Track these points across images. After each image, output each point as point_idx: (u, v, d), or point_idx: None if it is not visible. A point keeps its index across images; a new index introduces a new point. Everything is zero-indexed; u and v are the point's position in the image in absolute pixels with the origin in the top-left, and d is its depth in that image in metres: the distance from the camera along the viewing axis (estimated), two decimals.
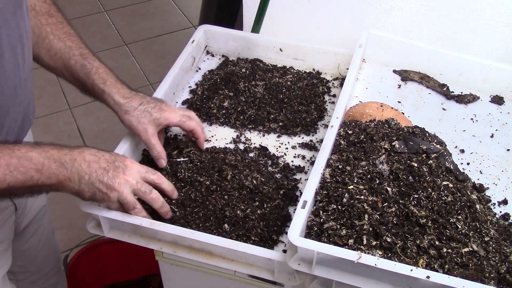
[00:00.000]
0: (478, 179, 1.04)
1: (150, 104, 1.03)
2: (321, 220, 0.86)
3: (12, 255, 1.13)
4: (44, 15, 1.02)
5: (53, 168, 0.83)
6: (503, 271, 0.83)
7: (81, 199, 0.90)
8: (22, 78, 0.92)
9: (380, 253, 0.80)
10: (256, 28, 1.36)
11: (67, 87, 2.84)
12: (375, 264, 0.76)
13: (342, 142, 1.01)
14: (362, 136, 1.00)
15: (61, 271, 1.45)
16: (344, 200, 0.87)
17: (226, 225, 0.95)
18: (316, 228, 0.86)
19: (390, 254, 0.80)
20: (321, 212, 0.88)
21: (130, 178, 0.90)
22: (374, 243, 0.81)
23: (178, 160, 1.06)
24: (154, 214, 0.99)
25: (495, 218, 0.94)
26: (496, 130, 1.16)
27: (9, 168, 0.79)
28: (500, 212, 0.98)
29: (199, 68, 1.35)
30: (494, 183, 1.04)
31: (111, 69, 1.05)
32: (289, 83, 1.25)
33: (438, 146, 0.98)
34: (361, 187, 0.89)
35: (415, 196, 0.87)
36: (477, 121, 1.18)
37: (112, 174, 0.88)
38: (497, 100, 1.23)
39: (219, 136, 1.17)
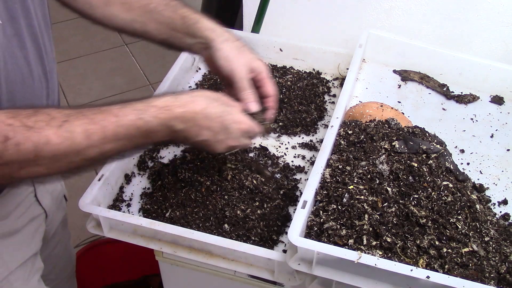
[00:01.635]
0: (478, 179, 1.04)
1: (246, 45, 0.94)
2: (321, 220, 0.86)
3: None
4: None
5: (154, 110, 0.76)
6: (503, 271, 0.83)
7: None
8: (47, 69, 0.88)
9: (380, 253, 0.80)
10: (256, 28, 1.36)
11: (66, 87, 2.85)
12: (375, 264, 0.76)
13: (342, 142, 1.01)
14: (362, 136, 1.00)
15: (74, 275, 1.45)
16: (344, 200, 0.87)
17: (226, 225, 0.95)
18: (316, 228, 0.86)
19: (390, 254, 0.80)
20: (321, 212, 0.88)
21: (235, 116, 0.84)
22: (374, 243, 0.81)
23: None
24: (154, 214, 0.99)
25: (495, 218, 0.94)
26: (496, 130, 1.16)
27: (117, 137, 0.73)
28: (500, 212, 0.98)
29: (199, 68, 1.35)
30: (494, 183, 1.04)
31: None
32: (289, 83, 1.25)
33: (438, 146, 0.98)
34: (361, 187, 0.89)
35: (415, 196, 0.87)
36: (477, 121, 1.18)
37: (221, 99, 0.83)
38: (497, 100, 1.23)
39: None
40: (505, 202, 1.00)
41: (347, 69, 1.19)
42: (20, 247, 1.01)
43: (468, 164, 1.08)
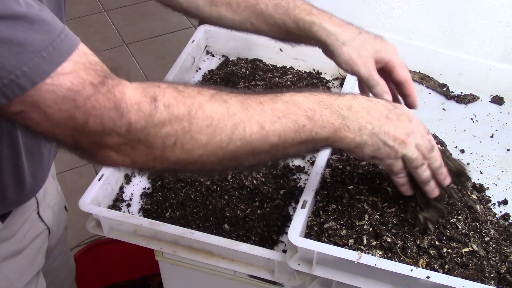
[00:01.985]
0: (478, 179, 1.04)
1: (370, 34, 0.87)
2: (321, 220, 0.86)
3: None
4: None
5: (326, 114, 0.67)
6: (503, 271, 0.83)
7: (356, 156, 0.73)
8: None
9: (380, 253, 0.80)
10: None
11: None
12: (375, 264, 0.76)
13: None
14: None
15: (74, 284, 1.44)
16: (344, 200, 0.87)
17: (226, 225, 0.95)
18: (316, 228, 0.86)
19: (390, 254, 0.80)
20: (321, 212, 0.88)
21: (416, 128, 0.73)
22: (374, 243, 0.81)
23: None
24: (154, 214, 0.99)
25: (495, 218, 0.94)
26: (496, 130, 1.16)
27: (276, 114, 0.63)
28: (500, 212, 0.98)
29: (199, 68, 1.35)
30: (494, 183, 1.04)
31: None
32: (289, 83, 1.25)
33: (438, 146, 0.98)
34: (361, 187, 0.89)
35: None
36: (477, 121, 1.18)
37: (397, 123, 0.71)
38: (497, 100, 1.23)
39: None
40: (505, 202, 1.00)
41: None
42: (25, 266, 1.00)
43: (468, 164, 1.08)
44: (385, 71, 0.89)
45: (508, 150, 1.11)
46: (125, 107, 0.56)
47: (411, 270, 0.76)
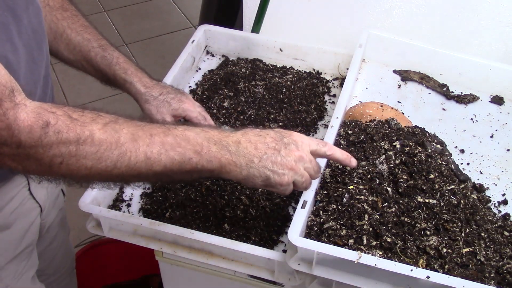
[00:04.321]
0: (478, 179, 1.04)
1: (170, 94, 1.04)
2: (321, 220, 0.86)
3: None
4: (58, 10, 1.03)
5: (214, 150, 0.74)
6: (503, 271, 0.83)
7: (248, 186, 0.80)
8: (41, 74, 0.90)
9: (380, 253, 0.80)
10: (256, 28, 1.36)
11: (67, 87, 2.85)
12: (375, 264, 0.76)
13: (342, 142, 1.01)
14: (362, 136, 1.00)
15: (74, 272, 1.45)
16: (344, 200, 0.87)
17: (226, 225, 0.95)
18: (316, 228, 0.86)
19: (390, 254, 0.80)
20: (321, 212, 0.88)
21: (303, 154, 0.79)
22: (374, 243, 0.81)
23: None
24: (154, 214, 0.99)
25: (495, 218, 0.94)
26: (496, 130, 1.16)
27: (164, 147, 0.70)
28: (500, 212, 0.98)
29: (199, 68, 1.35)
30: (494, 183, 1.04)
31: (130, 59, 1.07)
32: (289, 83, 1.25)
33: (438, 146, 0.98)
34: (361, 187, 0.89)
35: (416, 196, 0.87)
36: (477, 121, 1.18)
37: (284, 152, 0.77)
38: (497, 100, 1.23)
39: None
40: (505, 202, 1.00)
41: (347, 69, 1.19)
42: (12, 242, 1.01)
43: (468, 164, 1.08)
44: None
45: (508, 150, 1.11)
46: (17, 129, 0.62)
47: (411, 270, 0.76)
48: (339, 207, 0.87)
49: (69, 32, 1.02)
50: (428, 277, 0.75)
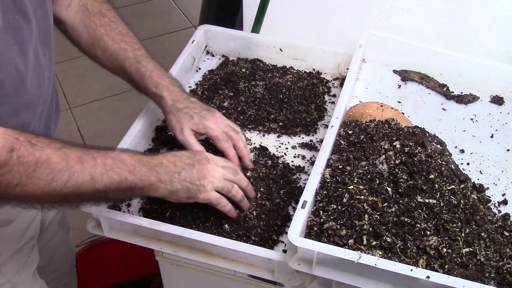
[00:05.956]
0: (478, 179, 1.04)
1: (195, 109, 1.04)
2: (321, 220, 0.86)
3: None
4: (96, 15, 1.03)
5: (144, 170, 0.83)
6: (503, 271, 0.83)
7: (173, 201, 0.90)
8: (45, 76, 0.92)
9: (380, 253, 0.80)
10: (256, 28, 1.36)
11: (67, 87, 2.85)
12: (375, 264, 0.76)
13: (342, 142, 1.01)
14: (362, 136, 1.00)
15: (74, 271, 1.46)
16: (344, 200, 0.87)
17: (226, 225, 0.95)
18: (316, 228, 0.86)
19: (390, 254, 0.80)
20: (321, 212, 0.88)
21: (215, 166, 0.93)
22: (374, 243, 0.81)
23: None
24: (154, 214, 0.99)
25: (495, 218, 0.94)
26: (496, 130, 1.16)
27: (105, 168, 0.79)
28: (500, 212, 0.98)
29: (199, 68, 1.35)
30: (494, 183, 1.04)
31: (165, 70, 1.08)
32: (289, 83, 1.25)
33: (438, 146, 0.98)
34: (361, 187, 0.89)
35: (416, 196, 0.87)
36: (477, 121, 1.18)
37: (199, 166, 0.90)
38: (497, 100, 1.23)
39: None
40: (505, 202, 1.00)
41: (347, 69, 1.19)
42: (14, 236, 1.02)
43: (468, 164, 1.08)
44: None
45: (508, 150, 1.11)
46: None
47: (411, 270, 0.76)
48: (339, 207, 0.87)
49: (106, 39, 1.03)
50: (428, 277, 0.75)
